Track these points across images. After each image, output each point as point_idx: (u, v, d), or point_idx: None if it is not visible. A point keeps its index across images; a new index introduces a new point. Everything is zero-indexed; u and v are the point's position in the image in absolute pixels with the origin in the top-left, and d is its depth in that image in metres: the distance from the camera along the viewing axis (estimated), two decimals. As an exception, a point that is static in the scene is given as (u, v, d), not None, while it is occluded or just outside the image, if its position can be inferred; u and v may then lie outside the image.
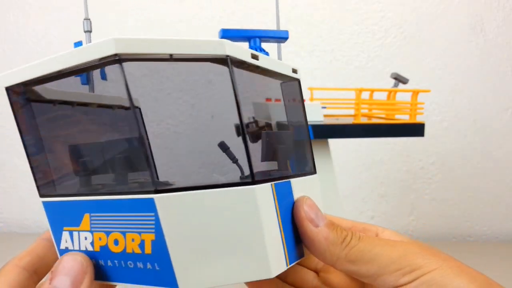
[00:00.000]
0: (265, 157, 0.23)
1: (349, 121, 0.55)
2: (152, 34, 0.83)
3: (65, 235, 0.23)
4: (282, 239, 0.22)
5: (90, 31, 0.26)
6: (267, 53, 0.25)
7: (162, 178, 0.21)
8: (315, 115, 0.53)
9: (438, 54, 0.83)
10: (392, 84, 0.63)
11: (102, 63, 0.20)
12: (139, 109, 0.20)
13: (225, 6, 0.82)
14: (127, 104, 0.19)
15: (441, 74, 0.84)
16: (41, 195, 0.24)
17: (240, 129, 0.20)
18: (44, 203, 0.23)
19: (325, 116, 0.57)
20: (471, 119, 0.84)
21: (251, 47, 0.26)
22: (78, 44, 0.26)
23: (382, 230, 0.26)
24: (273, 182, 0.21)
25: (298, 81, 0.27)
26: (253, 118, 0.24)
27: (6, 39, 0.83)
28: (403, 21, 0.83)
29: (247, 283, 0.26)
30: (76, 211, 0.22)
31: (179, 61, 0.20)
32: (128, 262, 0.21)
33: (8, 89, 0.23)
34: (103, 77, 0.21)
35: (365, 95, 0.58)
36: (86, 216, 0.22)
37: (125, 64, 0.19)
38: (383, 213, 0.86)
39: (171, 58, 0.20)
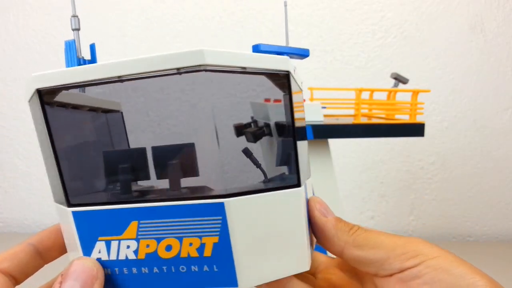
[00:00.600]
0: (280, 162, 0.24)
1: (349, 121, 0.55)
2: (152, 34, 0.83)
3: (100, 245, 0.21)
4: (308, 235, 0.24)
5: (78, 29, 0.25)
6: None
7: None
8: (315, 115, 0.53)
9: (438, 54, 0.83)
10: (392, 84, 0.63)
11: (182, 72, 0.20)
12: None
13: (225, 6, 0.82)
14: (197, 112, 0.21)
15: (441, 74, 0.84)
16: (72, 205, 0.21)
17: (293, 140, 0.22)
18: (75, 213, 0.21)
19: (325, 116, 0.57)
20: (471, 119, 0.84)
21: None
22: (69, 43, 0.25)
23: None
24: (303, 185, 0.24)
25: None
26: (252, 118, 0.24)
27: (6, 39, 0.83)
28: (403, 21, 0.83)
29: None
30: (119, 219, 0.21)
31: (250, 74, 0.21)
32: (181, 267, 0.21)
33: (45, 92, 0.21)
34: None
35: (365, 95, 0.58)
36: (133, 224, 0.21)
37: (211, 74, 0.20)
38: (383, 213, 0.86)
39: (244, 71, 0.21)
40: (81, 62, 0.26)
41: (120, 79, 0.21)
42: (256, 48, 0.25)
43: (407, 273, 0.21)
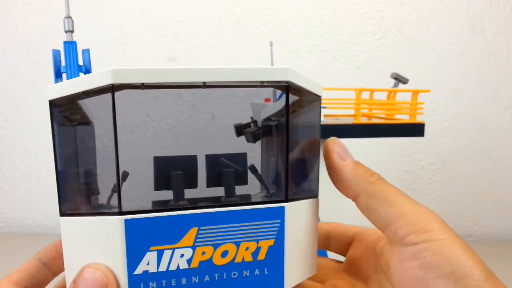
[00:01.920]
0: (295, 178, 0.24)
1: (349, 121, 0.55)
2: (152, 34, 0.83)
3: (150, 256, 0.20)
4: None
5: (72, 31, 0.25)
6: None
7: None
8: (315, 115, 0.53)
9: (438, 54, 0.83)
10: (392, 84, 0.63)
11: (265, 85, 0.21)
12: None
13: (225, 6, 0.82)
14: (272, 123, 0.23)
15: (441, 74, 0.84)
16: (123, 213, 0.20)
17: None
18: (127, 221, 0.20)
19: (325, 116, 0.57)
20: (471, 119, 0.84)
21: None
22: (56, 52, 0.25)
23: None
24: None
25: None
26: (251, 118, 0.25)
27: (6, 39, 0.83)
28: (403, 21, 0.83)
29: None
30: (178, 227, 0.20)
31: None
32: (232, 273, 0.21)
33: (118, 88, 0.20)
34: (279, 98, 0.23)
35: (365, 95, 0.58)
36: (193, 231, 0.21)
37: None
38: (383, 213, 0.86)
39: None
40: (82, 68, 0.26)
41: (204, 85, 0.20)
42: None
43: (407, 250, 0.20)
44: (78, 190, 0.23)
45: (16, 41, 0.83)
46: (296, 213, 0.22)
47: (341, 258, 0.30)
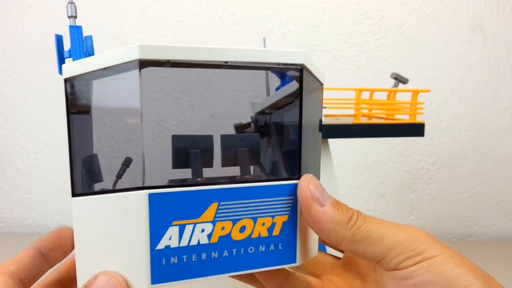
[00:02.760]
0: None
1: (349, 121, 0.55)
2: (152, 34, 0.83)
3: (172, 230, 0.20)
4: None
5: (75, 17, 0.25)
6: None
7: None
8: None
9: (438, 54, 0.83)
10: (392, 84, 0.63)
11: (282, 67, 0.22)
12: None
13: (225, 6, 0.82)
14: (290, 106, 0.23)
15: (441, 74, 0.84)
16: (147, 187, 0.20)
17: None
18: (151, 195, 0.20)
19: (325, 116, 0.57)
20: (471, 119, 0.84)
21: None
22: (59, 36, 0.25)
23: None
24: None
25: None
26: (252, 117, 0.25)
27: (6, 39, 0.83)
28: (403, 21, 0.83)
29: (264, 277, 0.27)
30: (199, 202, 0.21)
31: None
32: (249, 248, 0.22)
33: (145, 64, 0.20)
34: (288, 81, 0.23)
35: (365, 95, 0.58)
36: (213, 206, 0.21)
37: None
38: (383, 213, 0.86)
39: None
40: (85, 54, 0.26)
41: (226, 64, 0.21)
42: None
43: (399, 273, 0.21)
44: (91, 171, 0.23)
45: (16, 41, 0.83)
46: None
47: (339, 254, 0.30)
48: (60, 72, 0.25)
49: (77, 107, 0.22)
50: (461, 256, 0.21)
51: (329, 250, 0.32)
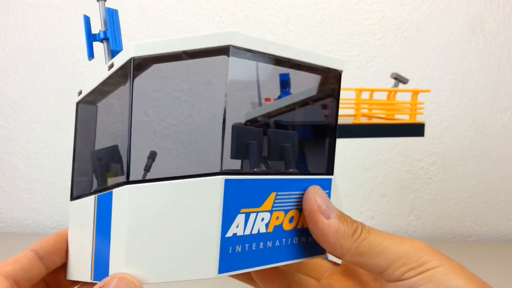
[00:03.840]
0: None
1: (349, 121, 0.55)
2: (152, 34, 0.83)
3: (239, 218, 0.20)
4: None
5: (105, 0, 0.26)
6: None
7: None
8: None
9: (438, 54, 0.83)
10: (392, 84, 0.63)
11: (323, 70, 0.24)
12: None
13: (225, 6, 0.82)
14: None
15: (441, 74, 0.84)
16: (224, 173, 0.20)
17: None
18: (228, 181, 0.20)
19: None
20: (471, 119, 0.84)
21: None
22: (87, 18, 0.26)
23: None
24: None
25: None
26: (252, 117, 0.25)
27: (6, 39, 0.83)
28: (403, 21, 0.83)
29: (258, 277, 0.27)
30: (262, 190, 0.21)
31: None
32: (294, 239, 0.23)
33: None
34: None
35: (365, 95, 0.58)
36: (272, 195, 0.22)
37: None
38: (383, 213, 0.86)
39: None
40: (97, 37, 0.26)
41: (289, 61, 0.22)
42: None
43: (403, 284, 0.21)
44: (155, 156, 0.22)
45: (16, 41, 0.83)
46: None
47: (338, 260, 0.30)
48: (90, 54, 0.26)
49: (144, 87, 0.21)
50: (461, 266, 0.21)
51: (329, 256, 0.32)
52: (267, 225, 0.21)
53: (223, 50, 0.19)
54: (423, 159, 0.85)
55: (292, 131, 0.25)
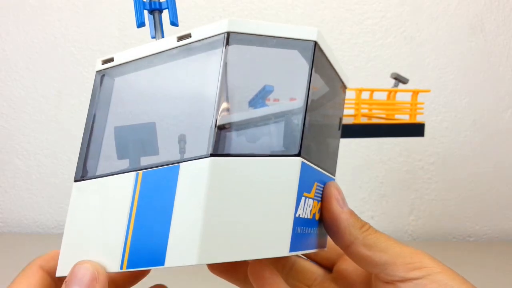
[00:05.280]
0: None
1: (349, 121, 0.55)
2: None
3: (302, 201, 0.22)
4: None
5: None
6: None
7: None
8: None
9: (438, 54, 0.83)
10: (392, 84, 0.63)
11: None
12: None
13: (225, 6, 0.82)
14: None
15: (441, 74, 0.84)
16: (299, 155, 0.21)
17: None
18: (303, 163, 0.21)
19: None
20: (471, 119, 0.84)
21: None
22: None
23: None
24: None
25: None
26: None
27: (6, 39, 0.83)
28: (403, 21, 0.83)
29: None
30: (313, 179, 0.23)
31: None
32: (317, 229, 0.25)
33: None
34: None
35: (365, 95, 0.58)
36: (315, 185, 0.23)
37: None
38: (383, 213, 0.86)
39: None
40: (152, 5, 0.25)
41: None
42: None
43: (409, 284, 0.21)
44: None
45: (16, 41, 0.83)
46: None
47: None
48: (141, 21, 0.25)
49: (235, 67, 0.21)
50: (457, 273, 0.22)
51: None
52: (310, 211, 0.23)
53: (307, 44, 0.21)
54: (423, 159, 0.85)
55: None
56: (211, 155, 0.19)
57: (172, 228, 0.19)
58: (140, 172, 0.21)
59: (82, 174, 0.23)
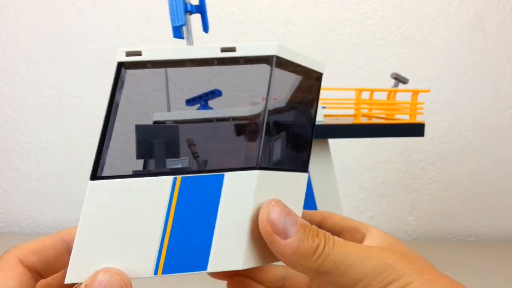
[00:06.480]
0: None
1: (349, 121, 0.55)
2: (152, 34, 0.83)
3: None
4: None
5: None
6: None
7: None
8: (315, 115, 0.53)
9: (438, 54, 0.83)
10: (392, 84, 0.63)
11: None
12: None
13: (225, 6, 0.82)
14: None
15: (441, 74, 0.84)
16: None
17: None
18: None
19: (325, 116, 0.57)
20: (471, 119, 0.84)
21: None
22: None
23: (371, 229, 0.24)
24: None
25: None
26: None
27: (6, 39, 0.83)
28: (403, 21, 0.83)
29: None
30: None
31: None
32: None
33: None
34: None
35: (365, 95, 0.58)
36: None
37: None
38: (383, 213, 0.86)
39: None
40: (187, 7, 0.25)
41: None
42: None
43: None
44: None
45: (16, 41, 0.83)
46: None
47: None
48: (183, 20, 0.25)
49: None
50: (432, 276, 0.20)
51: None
52: None
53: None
54: (423, 159, 0.85)
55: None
56: (260, 168, 0.21)
57: (216, 233, 0.20)
58: (179, 176, 0.20)
59: (100, 172, 0.21)
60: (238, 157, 0.24)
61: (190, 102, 0.25)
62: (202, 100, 0.24)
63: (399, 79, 0.62)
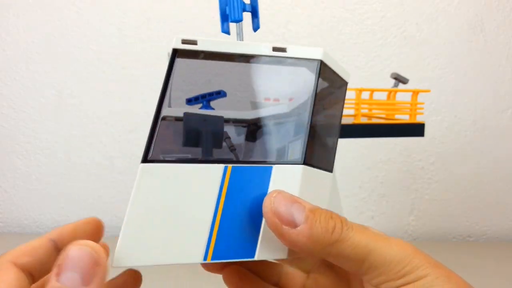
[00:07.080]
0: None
1: (349, 121, 0.55)
2: (152, 34, 0.83)
3: None
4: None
5: None
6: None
7: None
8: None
9: (438, 54, 0.83)
10: (392, 84, 0.63)
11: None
12: None
13: (225, 6, 0.82)
14: None
15: (441, 74, 0.84)
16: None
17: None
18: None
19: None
20: (471, 119, 0.84)
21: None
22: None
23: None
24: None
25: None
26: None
27: (6, 39, 0.83)
28: (403, 21, 0.83)
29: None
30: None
31: None
32: None
33: None
34: None
35: (365, 95, 0.58)
36: None
37: None
38: (383, 213, 0.86)
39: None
40: (246, 7, 0.27)
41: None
42: None
43: None
44: None
45: (16, 41, 0.83)
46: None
47: None
48: (240, 17, 0.28)
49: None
50: (447, 272, 0.19)
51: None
52: None
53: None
54: (423, 159, 0.85)
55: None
56: (305, 163, 0.22)
57: (264, 223, 0.21)
58: (230, 165, 0.21)
59: (152, 156, 0.20)
60: (280, 151, 0.25)
61: (191, 101, 0.25)
62: (205, 100, 0.24)
63: (399, 79, 0.62)
